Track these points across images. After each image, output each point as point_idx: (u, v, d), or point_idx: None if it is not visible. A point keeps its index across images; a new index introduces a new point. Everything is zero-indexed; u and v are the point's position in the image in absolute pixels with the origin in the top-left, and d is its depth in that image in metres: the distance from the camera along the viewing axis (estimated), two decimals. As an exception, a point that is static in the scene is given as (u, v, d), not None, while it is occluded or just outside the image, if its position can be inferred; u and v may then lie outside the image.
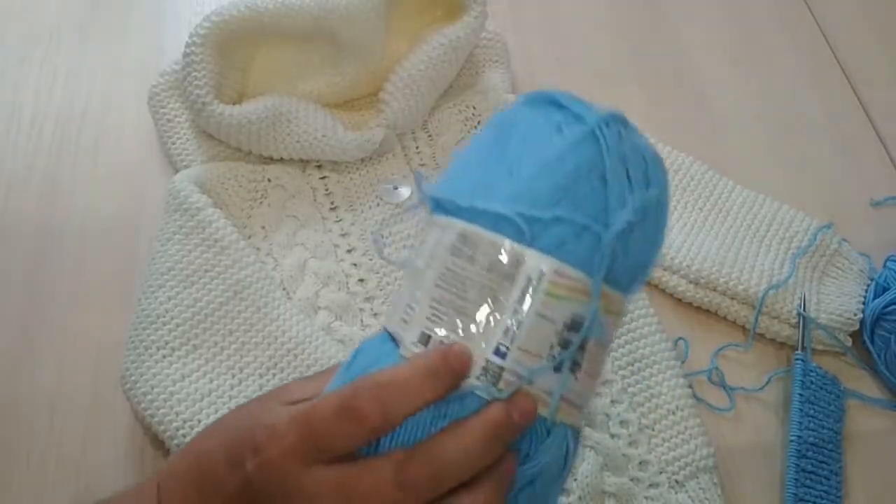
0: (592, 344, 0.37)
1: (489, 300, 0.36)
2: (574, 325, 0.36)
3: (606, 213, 0.37)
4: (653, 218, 0.39)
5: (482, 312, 0.36)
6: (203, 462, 0.39)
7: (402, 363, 0.36)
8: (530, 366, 0.36)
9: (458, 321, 0.36)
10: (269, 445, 0.35)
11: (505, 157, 0.38)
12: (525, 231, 0.36)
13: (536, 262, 0.36)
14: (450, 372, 0.35)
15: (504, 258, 0.36)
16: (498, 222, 0.37)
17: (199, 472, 0.39)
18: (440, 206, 0.39)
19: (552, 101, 0.40)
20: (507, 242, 0.36)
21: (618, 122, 0.39)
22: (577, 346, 0.37)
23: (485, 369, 0.36)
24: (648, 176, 0.39)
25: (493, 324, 0.36)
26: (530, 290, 0.36)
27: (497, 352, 0.36)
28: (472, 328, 0.36)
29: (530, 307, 0.36)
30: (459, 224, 0.37)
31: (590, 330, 0.37)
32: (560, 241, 0.36)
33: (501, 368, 0.36)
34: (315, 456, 0.35)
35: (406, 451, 0.35)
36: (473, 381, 0.36)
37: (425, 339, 0.37)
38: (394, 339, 0.38)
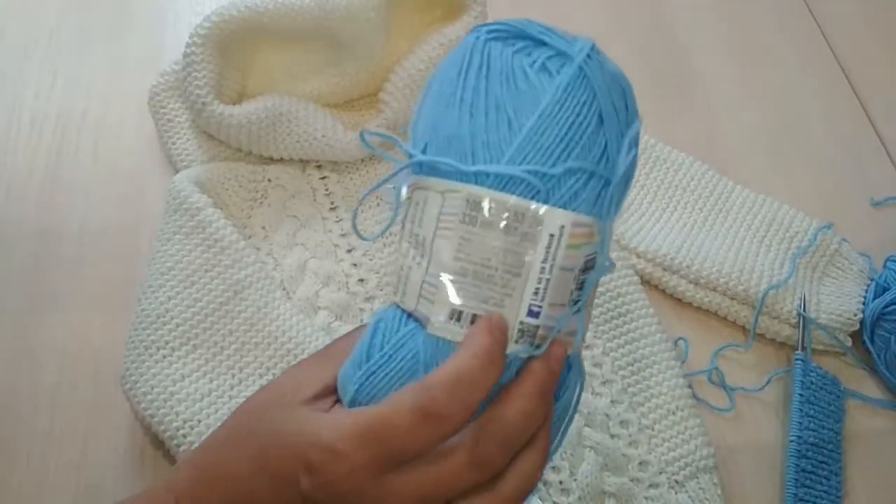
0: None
1: (515, 264, 0.36)
2: (587, 267, 0.37)
3: (606, 153, 0.37)
4: (636, 145, 0.39)
5: (510, 278, 0.36)
6: (235, 485, 0.38)
7: (458, 353, 0.35)
8: (558, 316, 0.36)
9: (487, 291, 0.36)
10: (330, 465, 0.35)
11: (495, 106, 0.36)
12: (540, 189, 0.35)
13: (556, 218, 0.35)
14: (500, 348, 0.35)
15: (523, 220, 0.35)
16: (507, 182, 0.35)
17: (230, 497, 0.38)
18: (433, 170, 0.37)
19: (523, 35, 0.38)
20: (524, 203, 0.35)
21: (595, 52, 0.38)
22: (592, 285, 0.37)
23: (521, 331, 0.36)
24: (627, 104, 0.38)
25: (522, 287, 0.36)
26: (553, 247, 0.35)
27: (530, 313, 0.36)
28: (504, 295, 0.36)
29: (555, 263, 0.36)
30: (464, 188, 0.36)
31: (603, 268, 0.37)
32: (573, 192, 0.36)
33: (536, 327, 0.36)
34: (388, 466, 0.35)
35: (472, 430, 0.35)
36: (513, 345, 0.36)
37: (457, 314, 0.36)
38: (413, 317, 0.37)
